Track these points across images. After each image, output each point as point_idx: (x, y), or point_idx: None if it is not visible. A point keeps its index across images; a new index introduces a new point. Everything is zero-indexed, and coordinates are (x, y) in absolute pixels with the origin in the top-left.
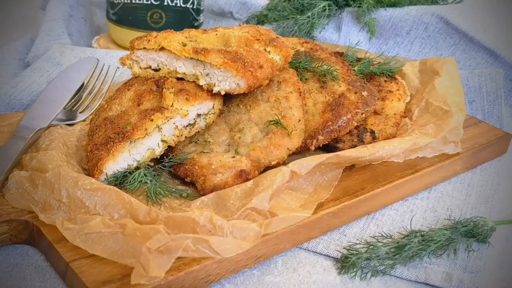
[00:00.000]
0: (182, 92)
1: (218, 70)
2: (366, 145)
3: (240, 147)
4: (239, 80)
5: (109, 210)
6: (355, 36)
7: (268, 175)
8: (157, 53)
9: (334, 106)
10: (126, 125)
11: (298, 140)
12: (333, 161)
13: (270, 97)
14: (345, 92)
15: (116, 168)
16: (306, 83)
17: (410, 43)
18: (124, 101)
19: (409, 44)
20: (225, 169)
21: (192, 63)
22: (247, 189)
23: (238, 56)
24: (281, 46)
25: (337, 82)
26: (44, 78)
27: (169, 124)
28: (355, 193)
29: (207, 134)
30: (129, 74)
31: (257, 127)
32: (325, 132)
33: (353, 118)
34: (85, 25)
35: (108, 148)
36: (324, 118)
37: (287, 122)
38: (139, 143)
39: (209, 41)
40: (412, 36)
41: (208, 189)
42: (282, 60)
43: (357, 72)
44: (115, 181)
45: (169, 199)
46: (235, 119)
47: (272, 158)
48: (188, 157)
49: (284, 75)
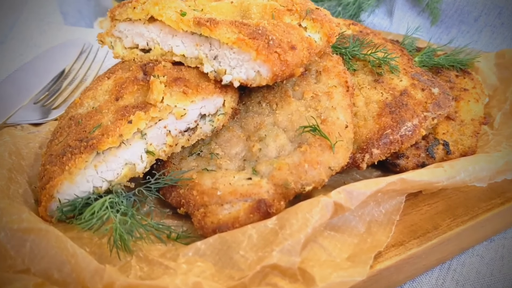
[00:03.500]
0: (178, 82)
1: (231, 51)
2: (441, 164)
3: (260, 164)
4: (260, 65)
5: (44, 265)
6: (411, 23)
7: (299, 209)
8: (146, 26)
9: (395, 108)
10: (94, 128)
11: (344, 154)
12: (396, 187)
13: (306, 92)
14: (409, 89)
15: (75, 192)
16: (355, 75)
17: (478, 32)
18: (99, 93)
19: (476, 34)
20: (236, 197)
21: (194, 40)
22: (267, 232)
23: (260, 30)
24: (322, 20)
25: (397, 74)
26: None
27: (157, 128)
28: (425, 234)
29: (214, 143)
30: None
31: (285, 135)
32: (381, 143)
33: (421, 124)
34: (87, 4)
35: (63, 161)
36: (381, 124)
37: (329, 129)
38: (111, 155)
39: (221, 10)
40: (481, 23)
41: (209, 228)
42: (324, 41)
43: (418, 63)
44: (70, 212)
45: (148, 244)
46: (255, 123)
47: (307, 181)
48: (183, 176)
49: (325, 63)
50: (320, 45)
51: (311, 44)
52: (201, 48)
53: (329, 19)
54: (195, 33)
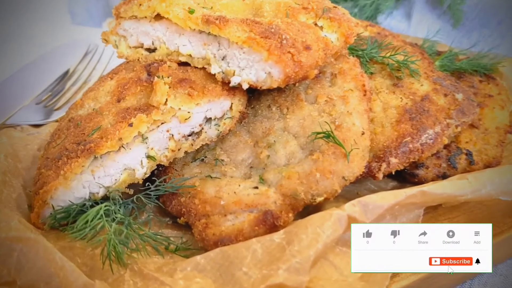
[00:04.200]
0: (183, 84)
1: (240, 50)
2: (465, 175)
3: (268, 172)
4: (271, 66)
5: (32, 277)
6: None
7: (309, 223)
8: (152, 25)
9: (415, 114)
10: (93, 131)
11: (360, 163)
12: (415, 200)
13: (320, 96)
14: (430, 94)
15: (70, 199)
16: (373, 78)
17: (501, 37)
18: (101, 94)
19: (499, 38)
20: (240, 208)
21: (201, 39)
22: (273, 247)
23: (273, 29)
24: (340, 19)
25: (417, 78)
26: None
27: (160, 132)
28: None
29: (219, 148)
30: None
31: (296, 142)
32: (400, 152)
33: (443, 132)
34: (96, 4)
35: (59, 166)
36: (400, 131)
37: (344, 136)
38: (110, 159)
39: (232, 8)
40: (505, 27)
41: (210, 241)
42: (341, 41)
43: (438, 67)
44: (64, 220)
45: (144, 256)
46: (263, 128)
47: (318, 191)
48: (185, 184)
49: (341, 65)
50: (337, 46)
51: (327, 45)
52: (209, 48)
53: (347, 18)
54: (203, 31)
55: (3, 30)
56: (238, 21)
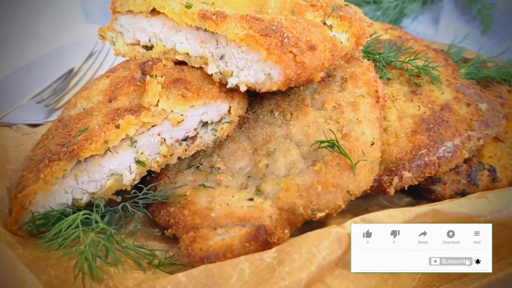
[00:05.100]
0: (178, 84)
1: (239, 49)
2: (485, 193)
3: (266, 183)
4: (271, 67)
5: None
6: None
7: (305, 241)
8: (148, 20)
9: (433, 124)
10: (80, 132)
11: (367, 177)
12: (427, 220)
13: (327, 101)
14: (451, 103)
15: (51, 204)
16: (389, 84)
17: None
18: (94, 94)
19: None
20: (232, 221)
21: (199, 36)
22: (262, 267)
23: (274, 27)
24: (351, 18)
25: (438, 86)
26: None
27: (150, 136)
28: (460, 277)
29: (216, 155)
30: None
31: (298, 151)
32: (414, 165)
33: (464, 145)
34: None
35: (40, 168)
36: (415, 143)
37: (351, 145)
38: (94, 164)
39: (235, 4)
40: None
41: (196, 256)
42: (352, 42)
43: (464, 75)
44: (43, 226)
45: (123, 271)
46: (264, 135)
47: (319, 206)
48: (175, 192)
49: (354, 68)
50: (347, 47)
51: (335, 45)
52: (206, 46)
53: (360, 18)
54: (200, 28)
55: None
56: (237, 17)
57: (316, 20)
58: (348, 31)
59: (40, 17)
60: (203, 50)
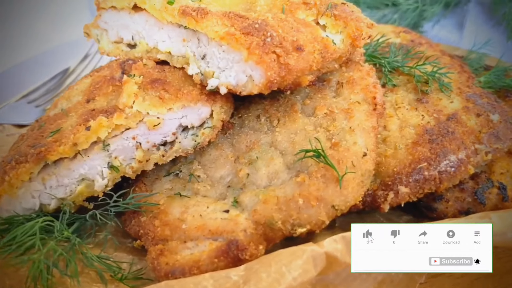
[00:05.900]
0: (156, 85)
1: (220, 48)
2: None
3: (245, 194)
4: (252, 68)
5: None
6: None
7: (275, 260)
8: (131, 16)
9: (436, 135)
10: (51, 133)
11: (355, 191)
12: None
13: (319, 107)
14: (459, 112)
15: (16, 209)
16: (394, 91)
17: None
18: (74, 94)
19: None
20: (203, 234)
21: (181, 35)
22: (227, 287)
23: (257, 25)
24: (347, 18)
25: (447, 94)
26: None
27: (124, 139)
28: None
29: (197, 162)
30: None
31: (282, 160)
32: (412, 180)
33: (469, 159)
34: None
35: (6, 170)
36: (415, 155)
37: (340, 156)
38: (64, 167)
39: (224, 2)
40: None
41: (161, 271)
42: (347, 44)
43: (483, 84)
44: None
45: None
46: (247, 142)
47: (300, 221)
48: (148, 201)
49: (351, 73)
50: (341, 49)
51: (326, 47)
52: (188, 45)
53: (357, 17)
54: (182, 25)
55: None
56: (219, 14)
57: (308, 19)
58: (343, 31)
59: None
60: (185, 49)
